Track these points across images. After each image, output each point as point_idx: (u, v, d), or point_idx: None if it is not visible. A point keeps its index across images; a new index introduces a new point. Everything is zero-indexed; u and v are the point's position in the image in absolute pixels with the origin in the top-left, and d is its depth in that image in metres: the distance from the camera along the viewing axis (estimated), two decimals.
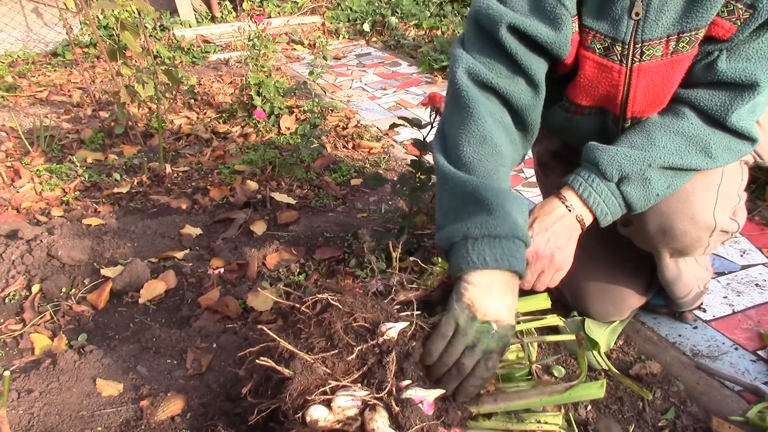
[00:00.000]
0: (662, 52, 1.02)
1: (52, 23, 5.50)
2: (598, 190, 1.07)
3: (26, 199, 2.32)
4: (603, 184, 1.07)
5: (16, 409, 1.25)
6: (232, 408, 1.24)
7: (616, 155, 1.05)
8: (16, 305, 1.66)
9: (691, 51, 1.01)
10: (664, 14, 0.99)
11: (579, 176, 1.09)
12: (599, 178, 1.07)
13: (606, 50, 1.05)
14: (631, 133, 1.10)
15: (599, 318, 1.41)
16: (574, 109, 1.20)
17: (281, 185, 2.40)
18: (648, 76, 1.05)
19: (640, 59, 1.03)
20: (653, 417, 1.20)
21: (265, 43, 3.28)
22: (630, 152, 1.05)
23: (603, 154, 1.06)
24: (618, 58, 1.05)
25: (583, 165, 1.11)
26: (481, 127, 1.04)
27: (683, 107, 1.07)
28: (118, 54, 2.58)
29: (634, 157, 1.04)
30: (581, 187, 1.08)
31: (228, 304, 1.61)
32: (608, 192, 1.07)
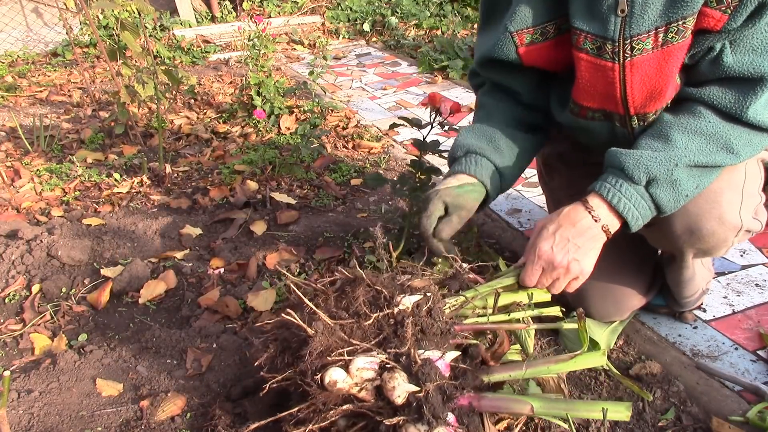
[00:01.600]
0: (652, 45, 1.01)
1: (52, 23, 5.50)
2: (628, 195, 1.05)
3: (26, 199, 2.32)
4: (632, 188, 1.05)
5: (16, 409, 1.25)
6: (232, 408, 1.24)
7: (641, 158, 1.04)
8: (16, 305, 1.66)
9: (682, 41, 1.00)
10: (649, 7, 0.99)
11: (606, 182, 1.07)
12: (627, 182, 1.05)
13: (598, 50, 1.06)
14: (648, 137, 1.09)
15: (599, 318, 1.41)
16: (578, 111, 1.21)
17: (281, 185, 2.40)
18: (641, 70, 1.05)
19: (632, 54, 1.03)
20: (653, 417, 1.21)
21: (265, 43, 3.28)
22: (654, 154, 1.04)
23: (628, 158, 1.05)
24: (610, 56, 1.05)
25: (608, 171, 1.09)
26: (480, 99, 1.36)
27: (698, 105, 1.06)
28: (118, 54, 2.58)
29: (660, 159, 1.03)
30: (610, 193, 1.06)
31: (228, 304, 1.61)
32: (638, 196, 1.05)
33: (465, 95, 3.59)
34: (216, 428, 1.18)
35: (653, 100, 1.09)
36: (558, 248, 1.07)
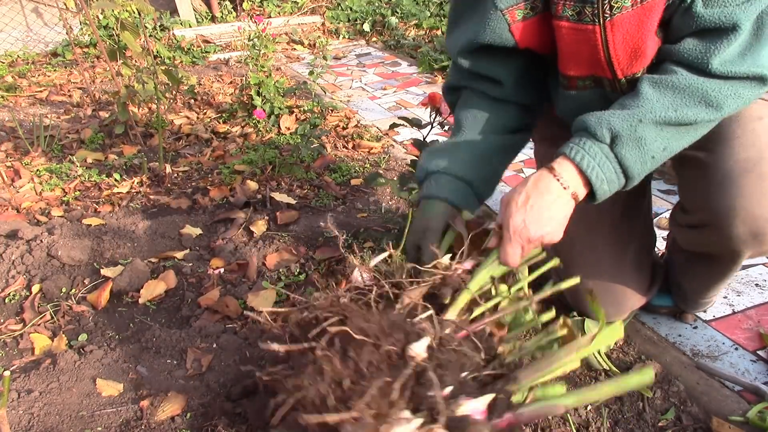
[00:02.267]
0: (631, 2, 0.99)
1: (52, 23, 5.50)
2: (592, 153, 1.01)
3: (26, 199, 2.32)
4: (596, 146, 1.01)
5: (16, 409, 1.25)
6: (232, 408, 1.24)
7: (603, 115, 1.02)
8: (16, 305, 1.66)
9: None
10: None
11: (570, 142, 1.04)
12: (591, 140, 1.01)
13: (578, 14, 1.04)
14: (622, 97, 1.07)
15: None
16: (567, 83, 1.18)
17: (281, 185, 2.40)
18: (622, 29, 1.03)
19: (611, 14, 1.01)
20: (653, 417, 1.21)
21: (265, 43, 3.28)
22: (619, 111, 1.01)
23: (590, 117, 1.03)
24: (590, 19, 1.04)
25: (573, 134, 1.07)
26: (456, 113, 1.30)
27: (669, 64, 1.04)
28: (118, 54, 2.58)
29: (623, 115, 1.00)
30: (573, 151, 1.02)
31: (228, 304, 1.61)
32: (602, 155, 1.01)
33: None
34: (216, 428, 1.18)
35: (637, 58, 1.07)
36: (530, 221, 1.02)
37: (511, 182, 2.37)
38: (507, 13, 1.11)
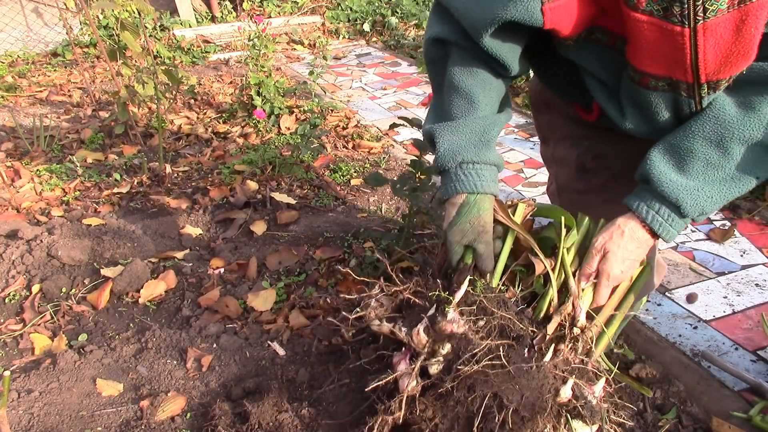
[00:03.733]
0: (728, 3, 0.89)
1: (52, 23, 5.50)
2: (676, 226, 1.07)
3: (26, 199, 2.32)
4: (681, 221, 1.06)
5: (16, 409, 1.25)
6: (232, 408, 1.24)
7: (699, 197, 1.04)
8: (16, 305, 1.66)
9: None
10: None
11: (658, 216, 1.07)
12: (678, 218, 1.06)
13: (665, 11, 0.93)
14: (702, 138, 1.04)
15: None
16: (639, 79, 1.09)
17: (281, 185, 2.40)
18: (716, 34, 0.93)
19: (704, 17, 0.91)
20: (653, 417, 1.20)
21: (265, 43, 3.28)
22: (712, 190, 1.04)
23: (686, 195, 1.04)
24: (678, 20, 0.92)
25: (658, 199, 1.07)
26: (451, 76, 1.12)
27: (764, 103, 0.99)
28: (118, 54, 2.58)
29: (716, 197, 1.03)
30: (661, 228, 1.07)
31: (228, 304, 1.61)
32: (683, 223, 1.07)
33: None
34: (216, 428, 1.18)
35: (729, 65, 0.97)
36: (625, 268, 1.11)
37: (511, 182, 2.37)
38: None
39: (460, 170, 1.09)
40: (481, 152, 1.10)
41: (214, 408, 1.23)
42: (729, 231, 1.87)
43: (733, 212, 1.99)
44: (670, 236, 1.08)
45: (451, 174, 1.09)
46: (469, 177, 1.09)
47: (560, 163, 1.46)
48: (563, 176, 1.48)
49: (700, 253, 1.80)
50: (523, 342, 1.00)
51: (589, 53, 1.17)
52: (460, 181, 1.09)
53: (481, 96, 1.13)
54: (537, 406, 0.94)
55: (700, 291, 1.62)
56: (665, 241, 1.08)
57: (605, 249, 1.10)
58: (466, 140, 1.11)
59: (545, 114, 1.50)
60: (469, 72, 1.14)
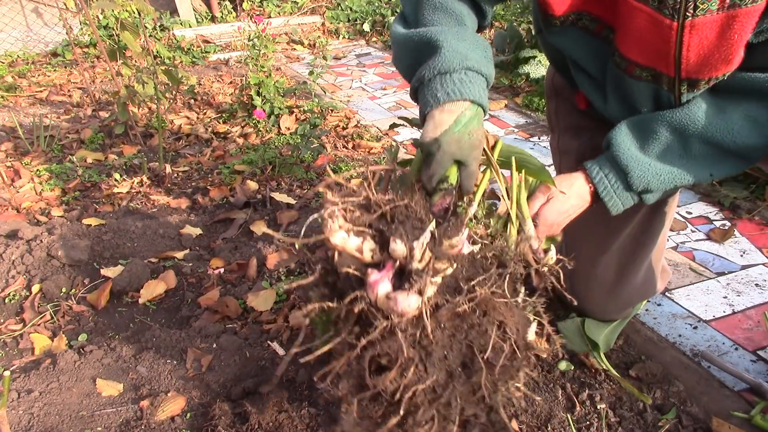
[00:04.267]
0: (718, 5, 0.91)
1: (52, 23, 5.50)
2: (621, 196, 1.10)
3: (26, 199, 2.32)
4: (626, 193, 1.10)
5: (16, 409, 1.25)
6: (232, 408, 1.24)
7: (647, 173, 1.07)
8: (16, 305, 1.66)
9: (752, 6, 0.89)
10: None
11: (606, 179, 1.10)
12: (623, 188, 1.10)
13: (660, 2, 0.95)
14: (672, 131, 1.06)
15: (600, 317, 1.41)
16: (625, 66, 1.12)
17: (281, 185, 2.40)
18: (701, 33, 0.95)
19: (693, 14, 0.93)
20: (653, 417, 1.20)
21: (265, 43, 3.28)
22: (662, 169, 1.06)
23: (636, 167, 1.07)
24: (670, 12, 0.95)
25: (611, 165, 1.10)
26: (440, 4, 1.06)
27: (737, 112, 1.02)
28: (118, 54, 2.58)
29: (664, 177, 1.06)
30: (605, 192, 1.11)
31: (228, 304, 1.61)
32: (629, 197, 1.11)
33: None
34: (216, 428, 1.18)
35: (709, 66, 1.00)
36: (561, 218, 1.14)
37: None
38: None
39: (465, 75, 0.97)
40: (485, 64, 1.01)
41: (214, 408, 1.24)
42: (729, 231, 1.87)
43: (733, 212, 1.99)
44: (614, 205, 1.11)
45: (454, 76, 0.97)
46: (475, 84, 0.98)
47: (563, 153, 1.49)
48: (566, 167, 1.50)
49: (700, 253, 1.80)
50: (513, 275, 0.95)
51: (574, 40, 1.19)
52: (466, 87, 0.96)
53: (468, 21, 1.08)
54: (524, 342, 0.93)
55: (700, 291, 1.62)
56: (610, 211, 1.11)
57: (550, 195, 1.14)
58: (471, 47, 1.01)
59: (554, 101, 1.52)
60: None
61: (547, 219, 1.13)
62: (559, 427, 1.18)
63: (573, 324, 1.40)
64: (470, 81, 0.97)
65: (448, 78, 0.97)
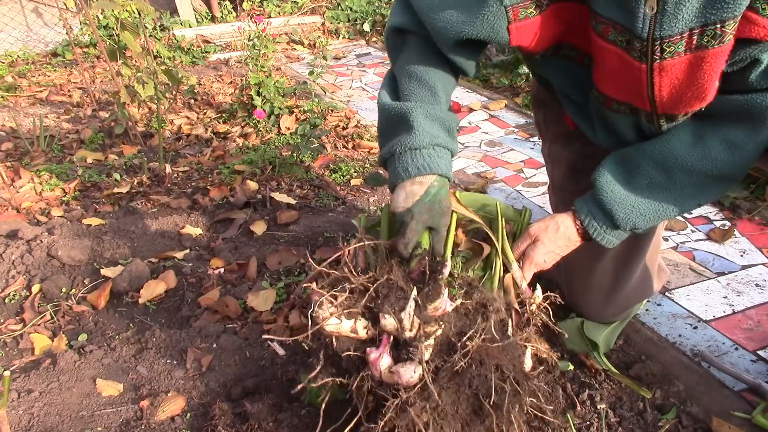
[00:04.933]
0: (684, 47, 0.91)
1: (52, 23, 5.50)
2: (612, 234, 1.13)
3: (26, 199, 2.32)
4: (616, 231, 1.13)
5: (16, 409, 1.25)
6: (232, 408, 1.24)
7: (632, 213, 1.09)
8: (16, 305, 1.66)
9: (719, 47, 0.89)
10: (683, 6, 0.86)
11: (594, 221, 1.13)
12: (612, 228, 1.12)
13: (628, 44, 0.95)
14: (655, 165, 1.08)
15: (599, 319, 1.41)
16: (603, 100, 1.14)
17: (281, 185, 2.40)
18: (672, 74, 0.95)
19: (661, 57, 0.93)
20: (653, 417, 1.20)
21: (265, 43, 3.28)
22: (647, 207, 1.08)
23: (620, 209, 1.09)
24: (638, 55, 0.95)
25: (598, 208, 1.12)
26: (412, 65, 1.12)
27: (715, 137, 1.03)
28: (118, 54, 2.58)
29: (650, 216, 1.09)
30: (596, 233, 1.13)
31: (228, 304, 1.61)
32: (620, 233, 1.14)
33: (465, 95, 3.59)
34: (216, 428, 1.18)
35: (683, 103, 1.01)
36: (548, 259, 1.17)
37: (511, 182, 2.37)
38: (510, 11, 1.01)
39: (433, 151, 1.07)
40: (449, 140, 1.11)
41: (214, 408, 1.24)
42: (729, 231, 1.87)
43: (733, 212, 1.99)
44: (608, 242, 1.14)
45: (424, 153, 1.06)
46: (442, 159, 1.08)
47: (554, 161, 1.50)
48: (557, 175, 1.52)
49: (700, 253, 1.80)
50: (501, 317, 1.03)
51: (556, 69, 1.24)
52: (434, 161, 1.06)
53: (441, 92, 1.13)
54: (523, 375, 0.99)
55: (700, 291, 1.62)
56: (604, 245, 1.15)
57: (537, 237, 1.17)
58: (438, 126, 1.10)
59: (542, 111, 1.52)
60: (430, 63, 1.13)
61: (534, 260, 1.16)
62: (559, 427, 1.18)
63: (573, 324, 1.40)
64: (438, 156, 1.07)
65: (418, 153, 1.06)
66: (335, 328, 0.97)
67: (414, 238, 1.05)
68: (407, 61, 1.14)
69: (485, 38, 1.05)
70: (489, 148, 2.77)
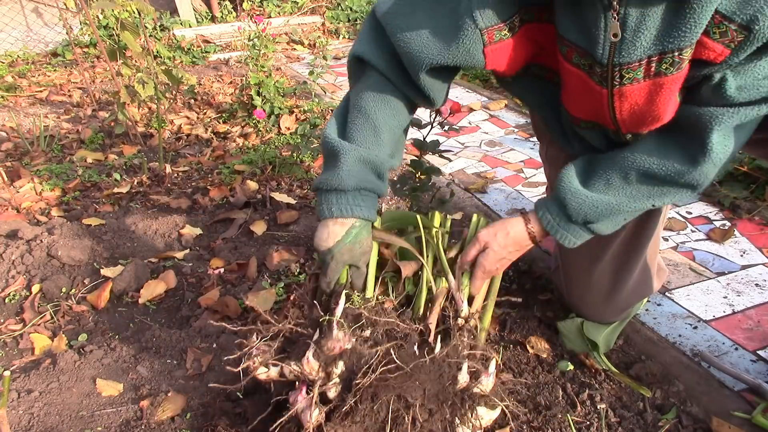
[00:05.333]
0: (643, 74, 0.94)
1: (52, 23, 5.50)
2: (566, 228, 1.13)
3: (26, 199, 2.32)
4: (570, 225, 1.12)
5: (16, 409, 1.25)
6: (232, 408, 1.24)
7: (584, 204, 1.08)
8: (16, 305, 1.66)
9: (676, 74, 0.92)
10: (641, 34, 0.89)
11: (548, 213, 1.13)
12: (565, 220, 1.12)
13: (590, 68, 0.98)
14: (613, 162, 1.08)
15: (598, 320, 1.41)
16: (571, 119, 1.18)
17: (281, 185, 2.40)
18: (631, 99, 0.98)
19: (621, 82, 0.96)
20: (653, 417, 1.20)
21: (265, 43, 3.28)
22: (599, 200, 1.07)
23: (572, 198, 1.09)
24: (598, 79, 0.98)
25: (553, 200, 1.13)
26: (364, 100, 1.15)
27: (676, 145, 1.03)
28: (118, 54, 2.58)
29: (602, 208, 1.08)
30: (549, 226, 1.14)
31: (228, 304, 1.61)
32: (576, 229, 1.13)
33: (465, 95, 3.59)
34: (216, 428, 1.18)
35: (645, 124, 1.04)
36: (500, 265, 1.20)
37: (511, 182, 2.37)
38: (486, 33, 1.00)
39: (358, 194, 1.11)
40: (378, 184, 1.14)
41: (214, 408, 1.24)
42: (729, 231, 1.87)
43: (733, 212, 1.99)
44: (564, 238, 1.14)
45: (348, 196, 1.10)
46: (366, 203, 1.12)
47: (552, 163, 1.50)
48: (554, 176, 1.50)
49: (700, 253, 1.80)
50: (411, 340, 1.02)
51: (527, 88, 1.25)
52: (358, 205, 1.10)
53: (385, 133, 1.14)
54: (441, 396, 0.97)
55: (700, 291, 1.62)
56: (564, 245, 1.14)
57: (487, 244, 1.18)
58: (368, 170, 1.12)
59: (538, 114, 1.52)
60: (383, 102, 1.15)
61: (485, 268, 1.18)
62: (559, 427, 1.18)
63: (573, 324, 1.41)
64: (362, 199, 1.11)
65: (342, 195, 1.10)
66: (265, 376, 1.04)
67: (334, 276, 1.11)
68: (361, 94, 1.16)
69: (461, 63, 1.05)
70: (489, 148, 2.77)
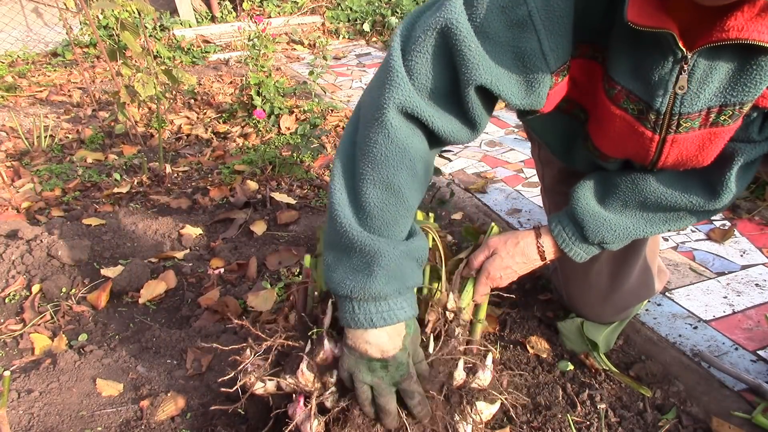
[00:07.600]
0: (700, 123, 0.92)
1: (52, 23, 5.50)
2: (579, 247, 1.13)
3: (26, 199, 2.32)
4: (584, 244, 1.13)
5: (16, 409, 1.25)
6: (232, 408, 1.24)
7: (602, 227, 1.08)
8: (16, 305, 1.66)
9: (732, 124, 0.92)
10: (706, 86, 0.87)
11: (564, 232, 1.13)
12: (581, 241, 1.12)
13: (639, 113, 0.95)
14: (632, 185, 1.07)
15: (598, 320, 1.41)
16: (598, 155, 1.14)
17: (281, 185, 2.40)
18: (682, 146, 0.97)
19: (676, 130, 0.94)
20: (653, 417, 1.21)
21: (265, 43, 3.28)
22: (617, 223, 1.08)
23: (591, 221, 1.09)
24: (651, 126, 0.95)
25: (569, 218, 1.13)
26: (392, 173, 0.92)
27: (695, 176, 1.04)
28: (118, 54, 2.58)
29: (619, 231, 1.08)
30: (564, 244, 1.14)
31: (228, 304, 1.61)
32: (589, 247, 1.13)
33: None
34: (216, 428, 1.18)
35: (684, 166, 1.03)
36: (505, 275, 1.18)
37: (511, 182, 2.37)
38: (554, 76, 0.94)
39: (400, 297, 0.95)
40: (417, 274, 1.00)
41: (214, 408, 1.23)
42: (729, 231, 1.87)
43: (733, 212, 1.99)
44: (575, 255, 1.14)
45: (389, 301, 0.94)
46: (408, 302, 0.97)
47: (545, 164, 1.50)
48: (548, 177, 1.52)
49: (700, 253, 1.80)
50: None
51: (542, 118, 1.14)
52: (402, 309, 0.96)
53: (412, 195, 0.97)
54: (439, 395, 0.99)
55: (700, 291, 1.62)
56: (572, 258, 1.14)
57: (496, 249, 1.18)
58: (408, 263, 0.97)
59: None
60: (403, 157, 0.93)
61: (490, 273, 1.17)
62: (558, 427, 1.18)
63: (573, 324, 1.41)
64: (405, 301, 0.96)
65: (382, 303, 0.93)
66: (263, 390, 1.05)
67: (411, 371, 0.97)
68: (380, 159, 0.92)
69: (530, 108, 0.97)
70: (489, 148, 2.77)
